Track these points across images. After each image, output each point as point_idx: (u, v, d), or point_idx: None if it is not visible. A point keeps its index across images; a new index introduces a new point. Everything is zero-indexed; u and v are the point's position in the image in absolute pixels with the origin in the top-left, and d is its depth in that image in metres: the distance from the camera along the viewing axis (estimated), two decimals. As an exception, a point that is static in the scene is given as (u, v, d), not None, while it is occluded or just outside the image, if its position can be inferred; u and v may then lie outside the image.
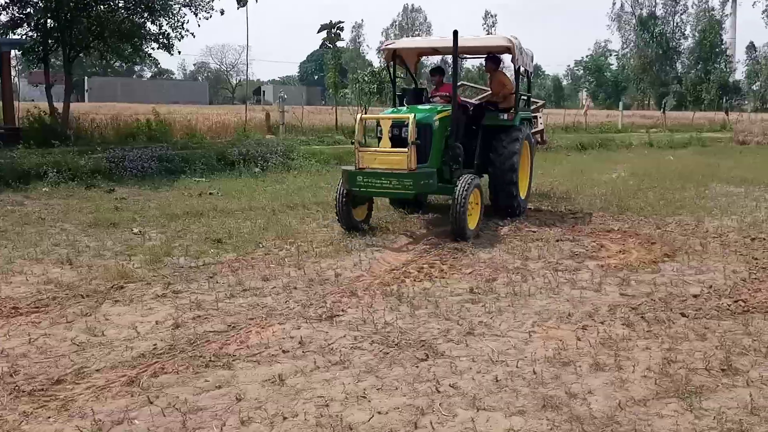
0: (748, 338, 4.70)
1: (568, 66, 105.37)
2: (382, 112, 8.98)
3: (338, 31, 26.24)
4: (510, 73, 10.44)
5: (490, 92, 10.38)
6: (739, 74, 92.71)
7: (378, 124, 8.36)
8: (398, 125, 7.85)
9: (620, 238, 7.99)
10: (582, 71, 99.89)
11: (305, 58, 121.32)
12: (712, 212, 9.83)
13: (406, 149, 7.62)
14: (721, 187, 12.66)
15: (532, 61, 10.18)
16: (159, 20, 17.78)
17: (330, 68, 24.71)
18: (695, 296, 5.63)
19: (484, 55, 9.91)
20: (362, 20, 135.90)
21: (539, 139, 12.37)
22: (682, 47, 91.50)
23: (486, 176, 9.36)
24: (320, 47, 26.76)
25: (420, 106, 8.59)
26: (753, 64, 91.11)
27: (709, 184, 13.01)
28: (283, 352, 4.45)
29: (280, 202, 10.49)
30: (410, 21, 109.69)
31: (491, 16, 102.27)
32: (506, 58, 10.09)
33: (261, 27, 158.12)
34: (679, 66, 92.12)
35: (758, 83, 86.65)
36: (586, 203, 10.64)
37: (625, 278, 6.19)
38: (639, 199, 10.98)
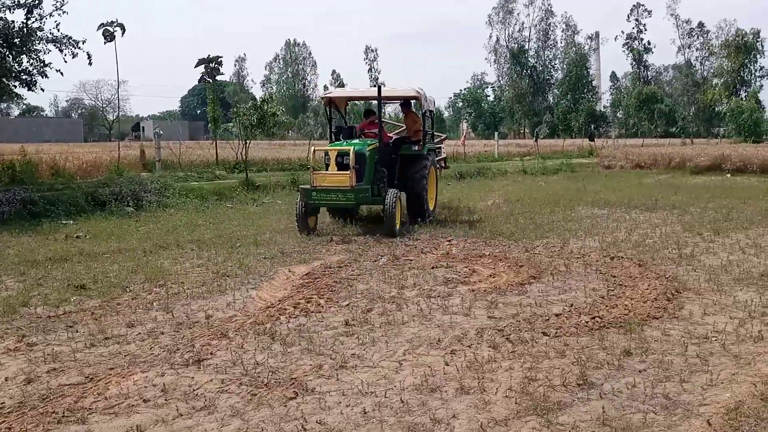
0: (603, 352, 4.98)
1: (449, 98, 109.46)
2: (329, 145, 11.50)
3: (217, 65, 25.92)
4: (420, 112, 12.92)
5: (404, 128, 13.12)
6: (606, 103, 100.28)
7: (326, 154, 11.04)
8: (342, 154, 10.69)
9: (491, 263, 8.29)
10: (462, 103, 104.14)
11: (186, 93, 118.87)
12: (577, 234, 10.42)
13: (348, 172, 10.42)
14: (587, 210, 13.49)
15: (434, 105, 13.33)
16: (20, 57, 16.74)
17: (210, 102, 24.33)
18: (557, 315, 5.91)
19: (399, 101, 12.94)
20: (244, 54, 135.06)
21: (443, 165, 14.78)
22: (553, 79, 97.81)
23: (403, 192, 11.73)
24: (199, 81, 26.29)
25: (355, 141, 11.38)
26: (616, 93, 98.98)
27: (575, 207, 13.83)
28: (144, 401, 4.23)
29: (152, 242, 10.11)
30: (293, 55, 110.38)
31: (372, 50, 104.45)
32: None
33: (139, 60, 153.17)
34: (550, 97, 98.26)
35: (620, 111, 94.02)
36: (462, 230, 11.01)
37: (493, 301, 6.41)
38: (510, 224, 11.50)
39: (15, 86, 17.37)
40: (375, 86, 11.56)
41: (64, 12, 16.20)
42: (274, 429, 3.80)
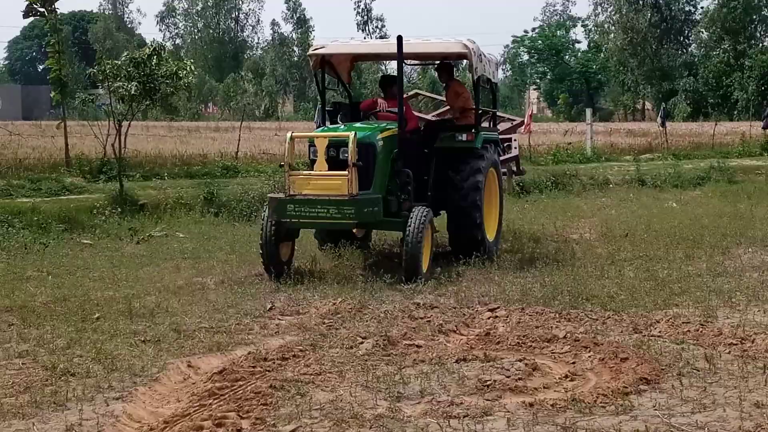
0: None
1: (503, 47, 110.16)
2: (315, 130, 12.47)
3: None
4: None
5: (449, 107, 14.28)
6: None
7: (312, 144, 11.77)
8: (336, 145, 11.36)
9: (568, 353, 8.25)
10: (526, 55, 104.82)
11: (19, 35, 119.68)
12: (733, 299, 10.40)
13: (345, 172, 11.05)
14: (753, 254, 13.56)
15: (497, 69, 14.11)
16: None
17: (51, 50, 24.25)
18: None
19: (435, 62, 13.88)
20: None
21: (513, 168, 16.21)
22: (698, 13, 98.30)
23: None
24: (27, 13, 25.97)
25: (359, 124, 12.38)
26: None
27: (731, 250, 13.87)
28: None
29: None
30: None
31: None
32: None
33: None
34: (692, 47, 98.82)
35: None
36: (518, 288, 11.00)
37: (569, 426, 6.34)
38: (608, 280, 11.48)
39: None
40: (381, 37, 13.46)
41: None
42: None
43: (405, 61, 12.69)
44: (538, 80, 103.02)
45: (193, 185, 21.13)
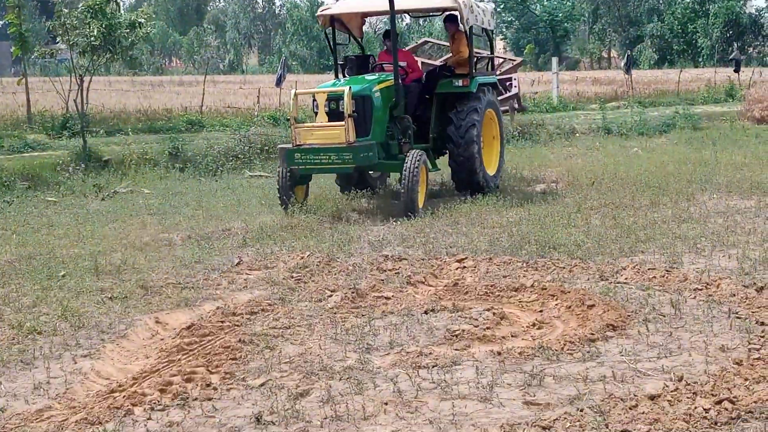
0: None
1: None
2: (317, 86, 14.19)
3: None
4: None
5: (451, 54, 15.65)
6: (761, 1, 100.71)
7: (314, 99, 13.34)
8: (334, 98, 12.96)
9: (536, 301, 8.33)
10: (494, 2, 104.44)
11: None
12: (698, 245, 10.49)
13: (342, 123, 12.69)
14: (718, 200, 13.68)
15: (493, 17, 15.86)
16: None
17: (10, 5, 24.02)
18: (652, 398, 5.88)
19: (433, 14, 16.37)
20: None
21: (516, 105, 18.12)
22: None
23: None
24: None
25: (364, 77, 14.08)
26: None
27: (697, 196, 13.98)
28: None
29: None
30: None
31: None
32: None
33: None
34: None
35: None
36: (486, 238, 11.08)
37: (536, 374, 6.39)
38: (575, 229, 11.57)
39: None
40: None
41: None
42: None
43: (409, 13, 15.37)
44: (504, 29, 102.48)
45: (158, 140, 21.05)
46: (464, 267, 9.79)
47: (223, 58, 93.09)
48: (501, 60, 23.97)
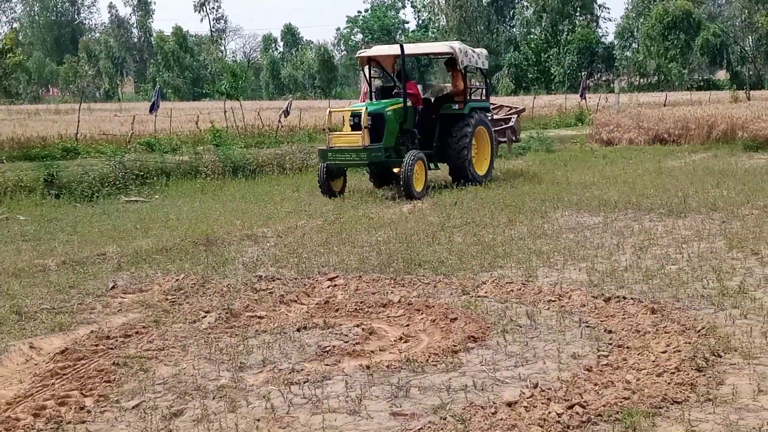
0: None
1: (336, 30, 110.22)
2: (348, 106, 20.70)
3: None
4: None
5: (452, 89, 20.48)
6: (610, 33, 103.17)
7: (343, 117, 18.61)
8: (356, 115, 17.84)
9: (403, 316, 8.44)
10: (361, 35, 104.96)
11: None
12: (551, 259, 10.80)
13: (360, 132, 17.45)
14: (569, 217, 14.11)
15: (487, 59, 21.06)
16: None
17: None
18: (510, 405, 6.00)
19: (436, 58, 25.32)
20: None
21: (512, 137, 24.16)
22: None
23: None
24: None
25: (382, 101, 18.65)
26: (626, 18, 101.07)
27: (550, 213, 14.39)
28: None
29: None
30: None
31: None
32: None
33: None
34: (515, 25, 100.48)
35: (634, 44, 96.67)
36: (355, 258, 11.16)
37: (402, 386, 6.47)
38: (439, 246, 11.78)
39: None
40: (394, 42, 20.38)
41: None
42: None
43: (417, 57, 23.87)
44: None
45: (33, 167, 20.62)
46: (335, 285, 9.84)
47: (99, 86, 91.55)
48: (508, 108, 27.75)
